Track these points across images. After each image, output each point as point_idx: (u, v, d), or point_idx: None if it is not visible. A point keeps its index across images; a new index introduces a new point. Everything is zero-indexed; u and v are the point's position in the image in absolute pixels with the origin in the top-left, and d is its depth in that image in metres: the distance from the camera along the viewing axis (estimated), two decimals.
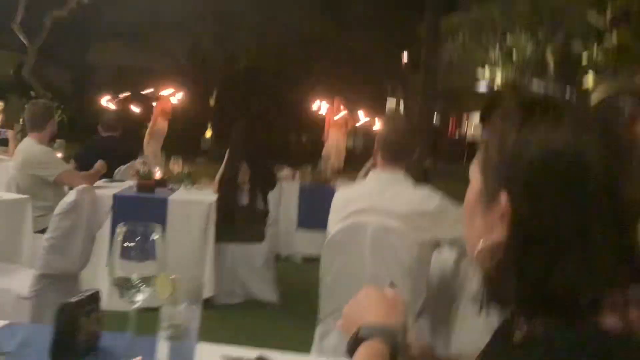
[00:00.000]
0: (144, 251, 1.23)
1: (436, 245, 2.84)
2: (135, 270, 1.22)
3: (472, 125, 24.87)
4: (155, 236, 1.24)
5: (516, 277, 0.79)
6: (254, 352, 1.35)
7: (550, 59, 11.73)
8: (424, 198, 2.69)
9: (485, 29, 12.81)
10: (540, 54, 12.04)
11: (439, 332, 2.91)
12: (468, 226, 0.93)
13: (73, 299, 1.25)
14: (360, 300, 1.10)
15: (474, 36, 13.22)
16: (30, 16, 14.39)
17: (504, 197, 0.82)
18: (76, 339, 1.23)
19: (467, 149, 21.33)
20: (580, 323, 0.74)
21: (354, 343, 1.02)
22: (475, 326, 1.88)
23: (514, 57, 12.69)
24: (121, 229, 1.24)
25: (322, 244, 5.96)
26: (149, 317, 1.26)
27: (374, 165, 2.93)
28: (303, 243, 6.47)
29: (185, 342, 1.19)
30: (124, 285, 1.21)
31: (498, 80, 12.95)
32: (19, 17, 14.14)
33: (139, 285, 1.21)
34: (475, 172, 0.91)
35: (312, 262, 6.11)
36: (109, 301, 1.45)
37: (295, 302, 4.84)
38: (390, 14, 17.84)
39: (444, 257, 3.08)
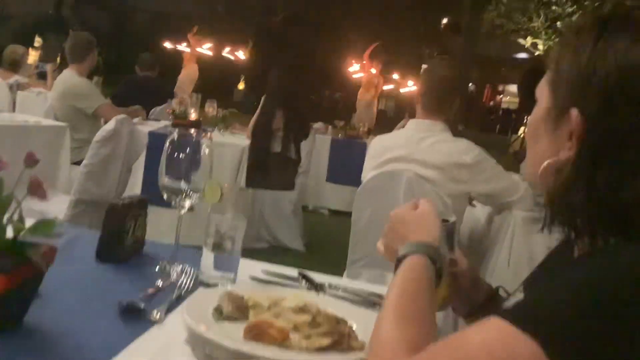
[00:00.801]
0: (193, 160, 1.24)
1: (471, 199, 2.81)
2: (183, 178, 1.23)
3: (508, 95, 24.42)
4: (204, 147, 1.25)
5: (585, 193, 0.78)
6: (294, 271, 1.36)
7: None
8: (462, 150, 2.65)
9: None
10: None
11: None
12: (531, 147, 0.92)
13: (122, 200, 1.27)
14: (395, 225, 1.09)
15: (519, 2, 12.87)
16: None
17: (575, 114, 0.80)
18: (123, 240, 1.25)
19: (501, 120, 21.00)
20: None
21: (398, 263, 1.02)
22: (504, 282, 1.87)
23: (559, 26, 12.36)
24: (171, 138, 1.24)
25: (349, 199, 5.99)
26: None
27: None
28: (331, 197, 6.50)
29: (229, 251, 1.20)
30: (174, 191, 1.23)
31: (540, 49, 12.65)
32: None
33: (187, 191, 1.22)
34: (543, 90, 0.89)
35: (339, 215, 6.17)
36: None
37: (321, 251, 4.88)
38: None
39: (477, 212, 3.06)
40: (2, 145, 3.11)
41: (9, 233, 0.88)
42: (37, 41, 12.53)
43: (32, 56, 9.94)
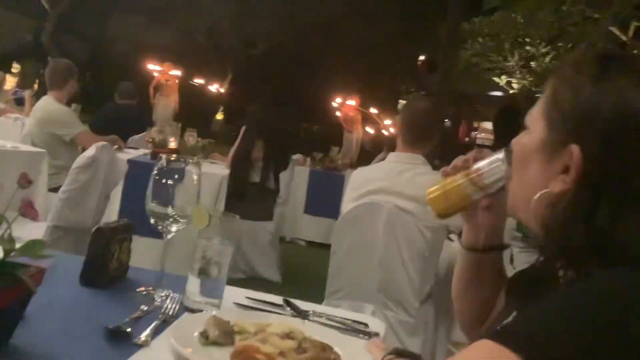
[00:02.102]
0: (181, 187, 1.25)
1: (449, 232, 2.85)
2: (170, 204, 1.24)
3: (483, 132, 24.81)
4: (192, 172, 1.26)
5: (584, 228, 0.79)
6: (277, 298, 1.36)
7: None
8: None
9: (505, 35, 12.77)
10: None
11: (443, 318, 2.93)
12: (519, 175, 0.93)
13: (107, 225, 1.27)
14: None
15: (494, 42, 13.19)
16: None
17: (575, 150, 0.82)
18: (108, 264, 1.25)
19: None
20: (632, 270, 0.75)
21: None
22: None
23: (533, 66, 12.65)
24: (159, 164, 1.26)
25: (327, 231, 5.97)
26: None
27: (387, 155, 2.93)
28: (308, 228, 6.50)
29: (215, 277, 1.21)
30: (160, 216, 1.23)
31: (514, 88, 12.92)
32: None
33: (175, 216, 1.23)
34: (537, 120, 0.90)
35: (316, 247, 6.17)
36: None
37: (298, 282, 4.86)
38: (411, 13, 17.80)
39: (455, 245, 3.09)
40: None
41: None
42: (15, 67, 12.46)
43: (10, 82, 9.89)
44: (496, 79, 13.68)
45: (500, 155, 1.05)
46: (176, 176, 1.25)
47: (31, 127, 4.56)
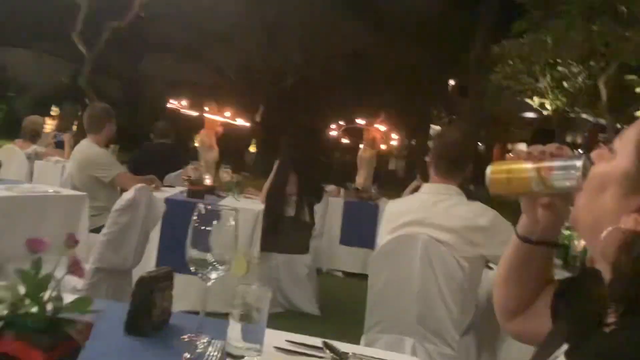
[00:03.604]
0: (220, 234, 1.27)
1: (487, 262, 2.82)
2: (209, 250, 1.27)
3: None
4: (230, 219, 1.29)
5: None
6: (316, 340, 1.37)
7: (602, 90, 11.53)
8: (477, 213, 2.68)
9: (536, 57, 12.70)
10: (592, 85, 11.86)
11: (485, 350, 2.88)
12: (590, 196, 0.89)
13: (149, 273, 1.30)
14: None
15: (525, 64, 13.11)
16: (87, 26, 14.87)
17: None
18: (151, 312, 1.28)
19: None
20: None
21: None
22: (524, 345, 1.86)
23: (566, 86, 12.53)
24: (197, 210, 1.29)
25: (363, 261, 5.94)
26: None
27: (421, 182, 2.94)
28: (345, 259, 6.50)
29: (256, 322, 1.22)
30: (200, 264, 1.26)
31: (548, 109, 12.79)
32: (78, 27, 14.61)
33: (214, 263, 1.25)
34: (626, 149, 0.86)
35: (353, 277, 6.15)
36: None
37: (337, 314, 4.84)
38: (439, 38, 17.85)
39: (494, 275, 3.05)
40: (24, 215, 3.17)
41: (48, 310, 0.92)
42: (54, 110, 12.86)
43: (49, 125, 10.19)
44: (529, 101, 13.56)
45: (579, 163, 0.97)
46: (214, 222, 1.28)
47: (71, 170, 4.69)
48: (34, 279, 0.90)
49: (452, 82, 21.27)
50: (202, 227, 1.28)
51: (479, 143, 15.80)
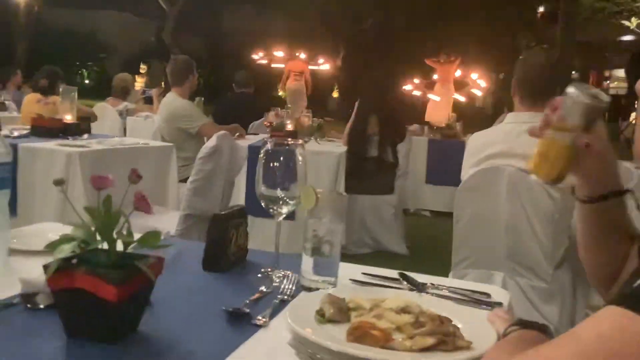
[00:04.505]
0: (288, 168, 1.26)
1: None
2: (279, 186, 1.26)
3: (615, 80, 23.08)
4: (297, 153, 1.27)
5: None
6: (393, 272, 1.35)
7: None
8: None
9: None
10: None
11: (580, 284, 2.77)
12: None
13: (223, 211, 1.32)
14: None
15: None
16: None
17: None
18: (226, 249, 1.30)
19: (610, 106, 19.87)
20: None
21: None
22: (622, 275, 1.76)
23: None
24: (265, 148, 1.28)
25: (450, 200, 5.86)
26: None
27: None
28: (431, 198, 6.41)
29: (328, 255, 1.21)
30: (270, 199, 1.26)
31: None
32: None
33: (284, 198, 1.25)
34: None
35: (441, 216, 6.07)
36: None
37: (425, 253, 4.82)
38: None
39: None
40: (116, 166, 3.30)
41: (119, 247, 0.94)
42: (142, 68, 13.27)
43: (139, 82, 10.56)
44: (626, 22, 12.61)
45: (570, 89, 1.03)
46: (282, 159, 1.27)
47: (159, 123, 4.84)
48: (104, 216, 0.92)
49: (541, 9, 20.11)
50: (271, 164, 1.27)
51: (572, 72, 14.93)
